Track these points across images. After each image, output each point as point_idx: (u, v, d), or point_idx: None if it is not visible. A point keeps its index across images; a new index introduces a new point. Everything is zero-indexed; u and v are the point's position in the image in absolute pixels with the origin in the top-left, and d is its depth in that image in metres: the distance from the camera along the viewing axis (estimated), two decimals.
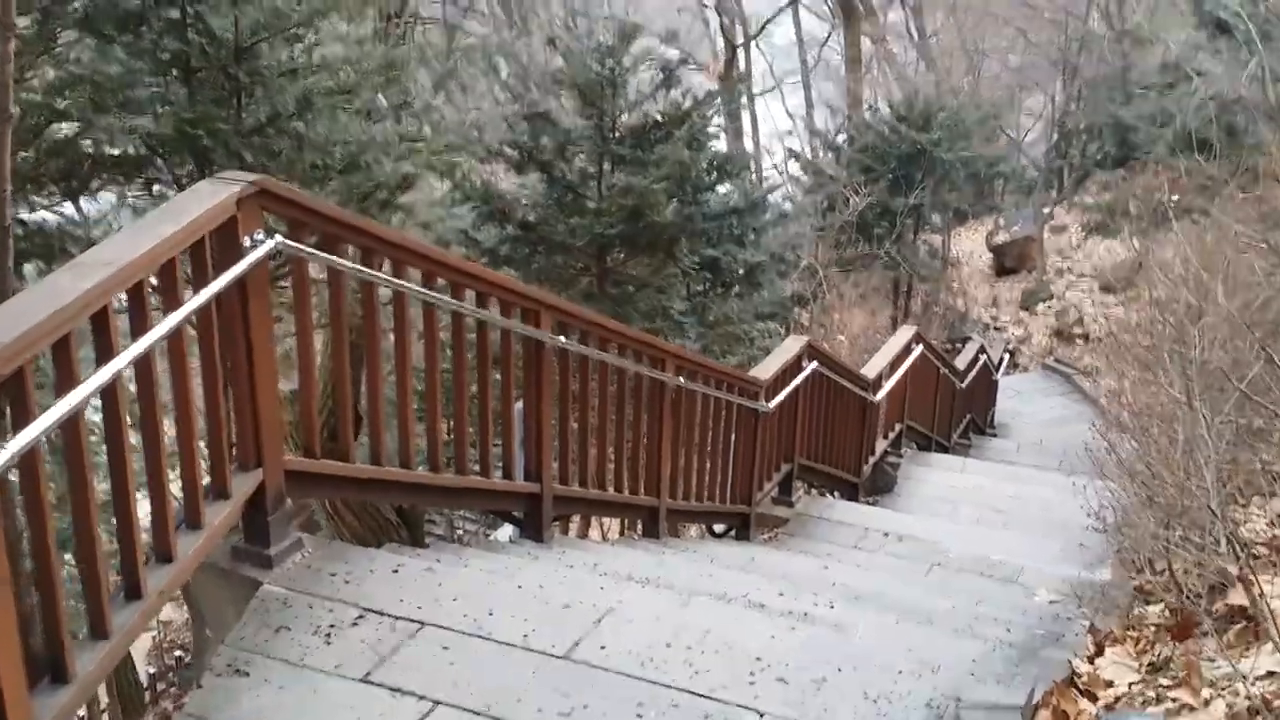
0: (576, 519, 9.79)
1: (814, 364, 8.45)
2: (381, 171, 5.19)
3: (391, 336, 4.44)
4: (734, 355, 10.41)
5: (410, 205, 5.96)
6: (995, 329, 22.14)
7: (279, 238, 3.58)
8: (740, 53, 22.52)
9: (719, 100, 10.31)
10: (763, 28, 21.49)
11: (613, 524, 10.94)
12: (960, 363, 13.65)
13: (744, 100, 24.08)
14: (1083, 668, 4.32)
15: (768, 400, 7.68)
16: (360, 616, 3.66)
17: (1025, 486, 10.80)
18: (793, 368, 8.19)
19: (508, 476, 5.23)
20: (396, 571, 3.93)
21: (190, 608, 7.12)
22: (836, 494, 9.89)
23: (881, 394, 10.07)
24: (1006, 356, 16.98)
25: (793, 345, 8.32)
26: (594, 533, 10.71)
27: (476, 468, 5.05)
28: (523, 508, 5.41)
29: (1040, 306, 22.35)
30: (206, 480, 3.68)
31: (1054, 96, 25.42)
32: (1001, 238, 24.75)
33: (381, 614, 3.67)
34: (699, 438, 6.96)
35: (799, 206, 12.66)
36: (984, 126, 17.64)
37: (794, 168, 17.32)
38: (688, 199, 10.12)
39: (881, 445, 10.56)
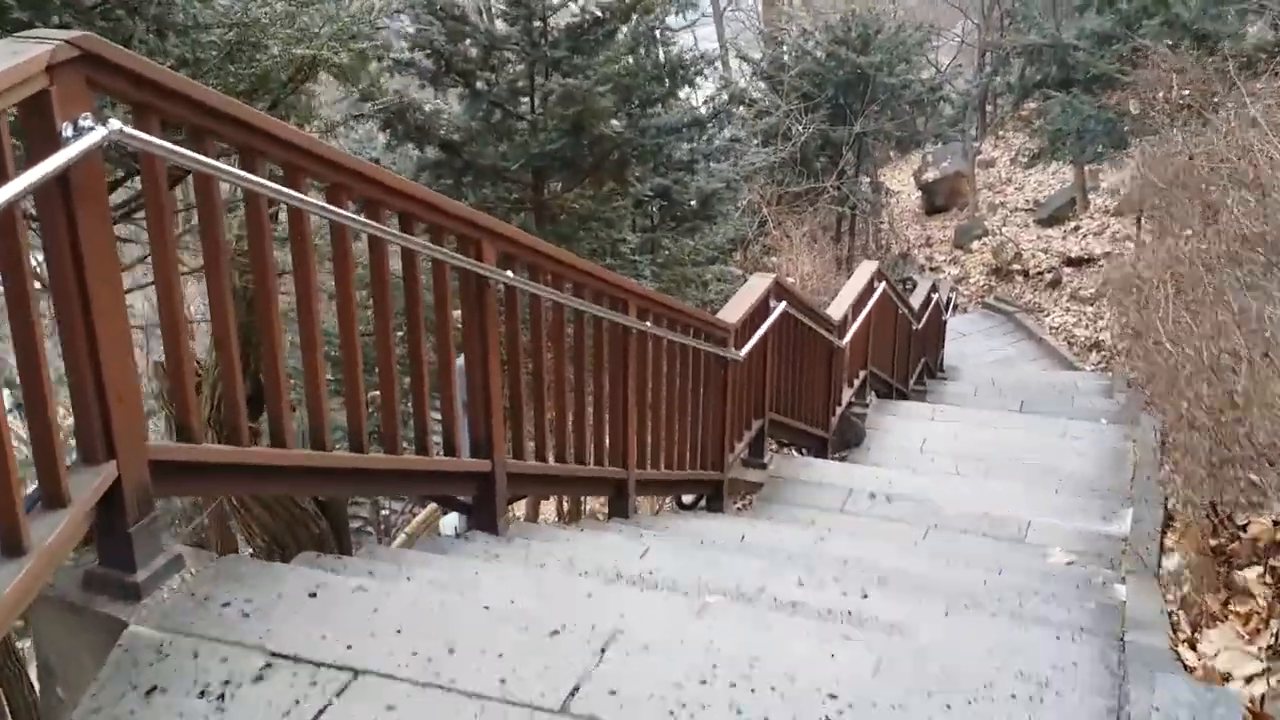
0: (524, 501, 8.66)
1: (783, 304, 7.46)
2: (268, 56, 4.01)
3: (291, 275, 3.31)
4: (686, 300, 9.35)
5: (309, 106, 4.78)
6: (931, 269, 21.43)
7: (116, 123, 2.44)
8: None
9: None
10: None
11: (557, 502, 9.83)
12: (914, 301, 12.78)
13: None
14: (1190, 657, 3.42)
15: (737, 347, 6.69)
16: (267, 666, 2.59)
17: (1000, 431, 10.01)
18: (761, 309, 7.20)
19: (450, 453, 4.14)
20: (315, 595, 2.84)
21: (37, 658, 5.72)
22: (805, 451, 8.96)
23: (848, 337, 9.13)
24: (953, 296, 16.20)
25: (759, 284, 7.31)
26: (543, 512, 9.57)
27: (411, 445, 3.97)
28: (471, 491, 4.34)
29: (975, 244, 21.69)
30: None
31: (977, 23, 24.71)
32: (931, 175, 24.02)
33: (297, 660, 2.60)
34: (667, 394, 5.94)
35: (748, 136, 11.57)
36: (924, 47, 16.72)
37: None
38: (638, 112, 8.95)
39: (848, 394, 9.64)
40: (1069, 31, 15.60)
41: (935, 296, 13.79)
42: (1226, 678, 3.27)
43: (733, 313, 6.77)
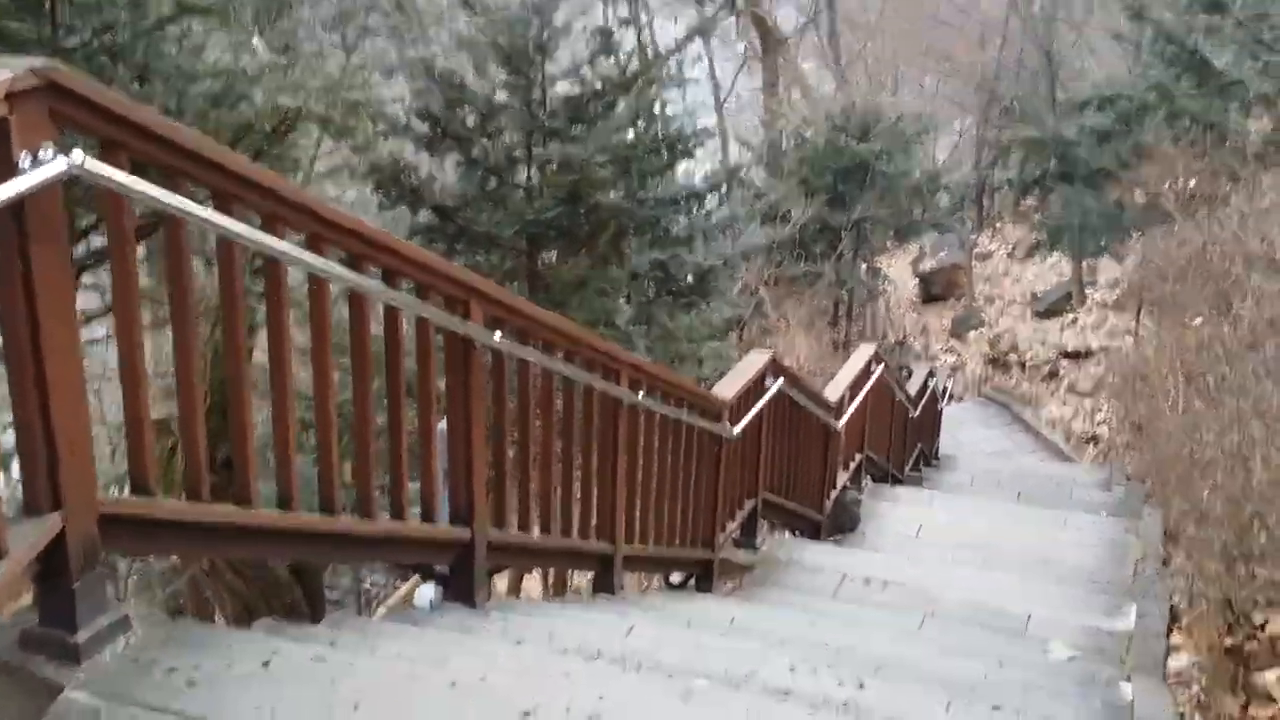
0: (506, 573, 8.36)
1: (779, 382, 7.29)
2: (251, 106, 3.89)
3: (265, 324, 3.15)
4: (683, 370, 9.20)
5: (292, 156, 4.64)
6: (928, 357, 21.36)
7: (79, 155, 2.31)
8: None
9: (670, 63, 8.94)
10: (675, 50, 20.53)
11: (542, 575, 9.54)
12: (911, 388, 12.63)
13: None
14: None
15: (732, 423, 6.51)
16: None
17: (998, 521, 9.77)
18: (756, 386, 7.02)
19: (428, 519, 3.94)
20: (269, 664, 2.63)
21: None
22: (798, 533, 8.73)
23: (844, 419, 8.96)
24: (949, 384, 16.07)
25: (756, 360, 7.15)
26: (525, 588, 9.28)
27: (386, 510, 3.77)
28: (448, 560, 4.12)
29: (972, 334, 21.65)
30: None
31: (975, 119, 25.01)
32: (928, 264, 24.13)
33: None
34: (658, 468, 5.74)
35: (747, 216, 11.54)
36: (924, 137, 16.83)
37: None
38: (635, 184, 8.74)
39: (843, 478, 9.44)
40: (1069, 128, 15.71)
41: (932, 384, 13.65)
42: None
43: (728, 388, 6.60)
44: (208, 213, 2.71)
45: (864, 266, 16.21)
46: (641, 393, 5.27)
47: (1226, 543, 4.21)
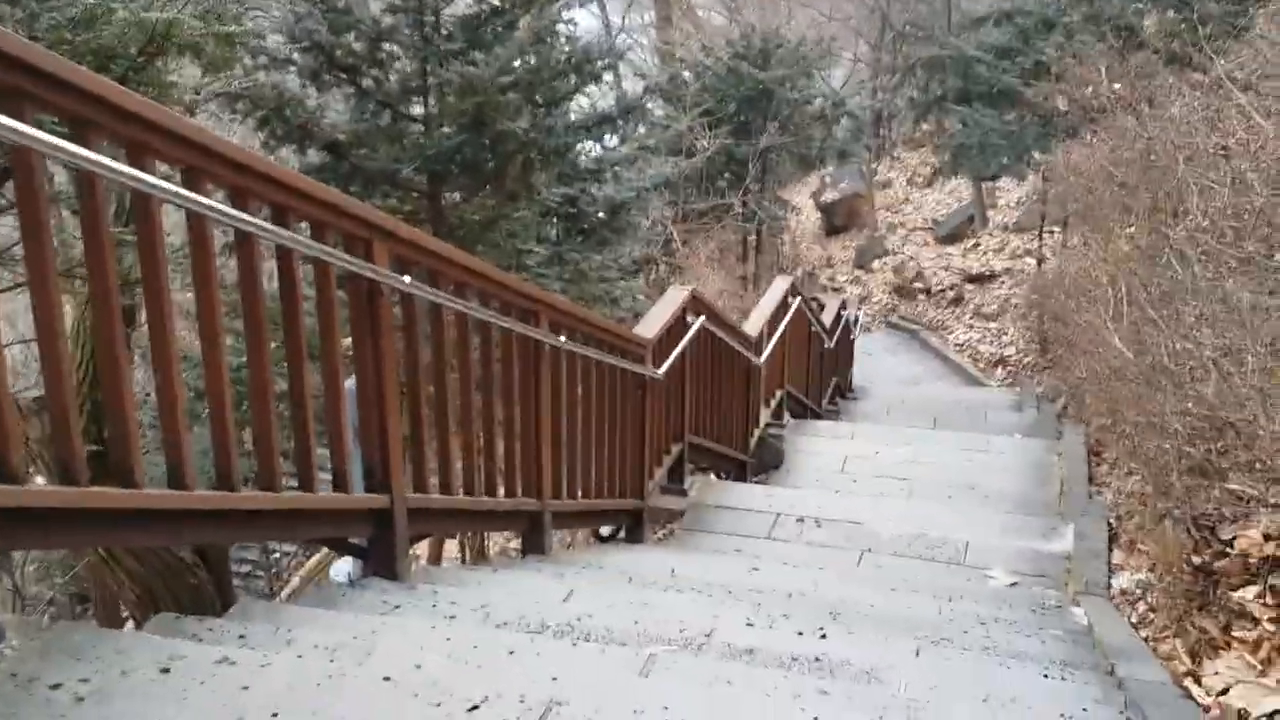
0: (425, 541, 7.90)
1: (700, 319, 7.01)
2: (113, 27, 3.37)
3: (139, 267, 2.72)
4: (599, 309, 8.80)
5: (166, 85, 4.11)
6: (834, 289, 21.31)
7: None
8: None
9: None
10: None
11: (462, 541, 9.14)
12: (825, 319, 12.47)
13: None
14: (1197, 692, 3.01)
15: (656, 364, 6.20)
16: None
17: (921, 448, 9.68)
18: (678, 324, 6.73)
19: (341, 488, 3.56)
20: (169, 670, 2.25)
21: None
22: (725, 475, 8.51)
23: (765, 355, 8.72)
24: (860, 314, 15.97)
25: (676, 296, 6.84)
26: (447, 552, 8.84)
27: (294, 481, 3.39)
28: (367, 531, 3.75)
29: (876, 264, 21.63)
30: None
31: (871, 44, 24.86)
32: (829, 195, 23.99)
33: None
34: (584, 416, 5.42)
35: (658, 141, 11.06)
36: (824, 62, 16.53)
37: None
38: (542, 111, 7.97)
39: (765, 415, 9.23)
40: (969, 44, 15.56)
41: (845, 315, 13.52)
42: (1243, 715, 2.86)
43: (649, 328, 6.29)
44: (58, 141, 2.27)
45: (772, 198, 15.94)
46: (563, 336, 4.92)
47: (1178, 456, 4.03)
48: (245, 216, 2.86)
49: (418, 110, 7.43)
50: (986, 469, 9.11)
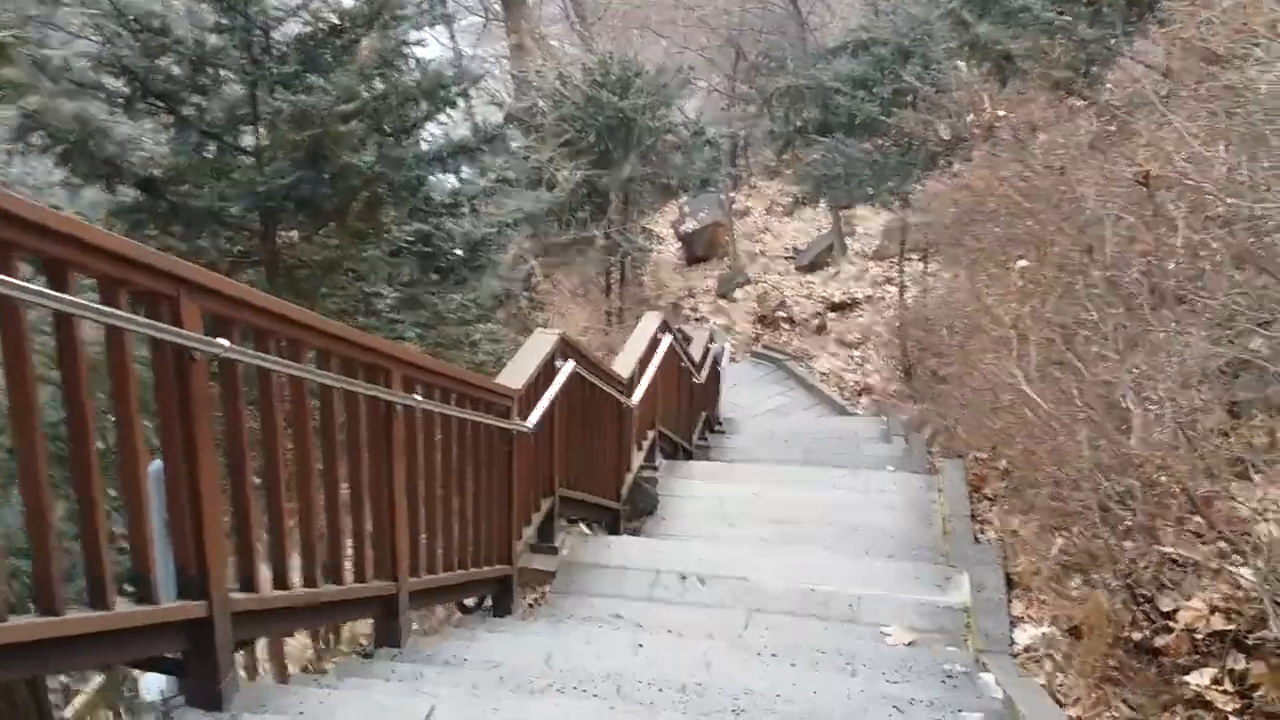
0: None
1: (570, 363, 6.47)
2: None
3: None
4: (454, 363, 8.08)
5: None
6: (697, 319, 21.04)
7: None
8: None
9: (424, 3, 7.41)
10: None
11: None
12: (694, 353, 12.06)
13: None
14: None
15: (523, 416, 5.64)
16: None
17: (797, 489, 9.34)
18: (546, 370, 6.18)
19: (146, 599, 2.90)
20: None
21: None
22: (597, 525, 7.97)
23: (637, 395, 8.23)
24: (727, 345, 15.65)
25: (544, 341, 6.29)
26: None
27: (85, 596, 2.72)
28: (181, 644, 3.09)
29: (739, 293, 21.44)
30: None
31: (727, 74, 24.82)
32: (689, 225, 23.79)
33: None
34: (443, 481, 4.81)
35: (516, 179, 10.34)
36: (684, 91, 16.19)
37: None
38: (390, 141, 7.09)
39: (638, 459, 8.72)
40: (826, 74, 15.46)
41: (712, 348, 13.15)
42: None
43: (516, 376, 5.72)
44: None
45: (636, 229, 15.50)
46: (418, 394, 4.32)
47: (1110, 512, 3.67)
48: None
49: (249, 141, 6.51)
50: (867, 507, 8.79)
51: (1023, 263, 5.28)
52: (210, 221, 6.49)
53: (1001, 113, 6.46)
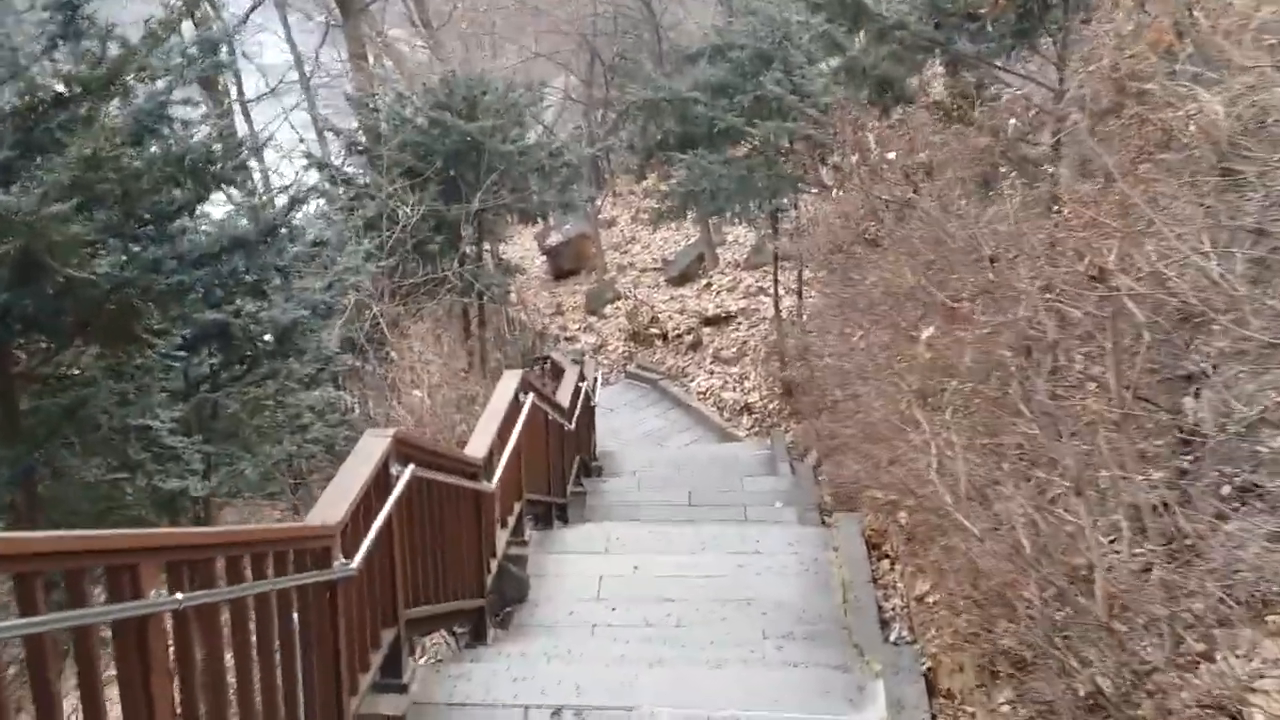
0: None
1: (409, 468, 5.45)
2: None
3: None
4: (283, 452, 6.88)
5: None
6: (566, 338, 20.08)
7: None
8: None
9: (192, 52, 5.88)
10: (246, 16, 17.36)
11: None
12: (563, 397, 11.08)
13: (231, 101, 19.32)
14: None
15: (347, 555, 4.61)
16: None
17: (684, 556, 8.46)
18: (379, 484, 5.15)
19: None
20: None
21: None
22: (458, 631, 6.98)
23: (497, 476, 7.24)
24: (598, 374, 14.71)
25: (372, 448, 5.24)
26: None
27: None
28: None
29: (609, 309, 20.56)
30: None
31: (583, 79, 23.93)
32: (554, 239, 22.86)
33: None
34: (240, 680, 3.76)
35: (340, 232, 9.01)
36: (536, 108, 15.10)
37: (314, 180, 13.45)
38: (145, 234, 5.64)
39: (503, 540, 7.72)
40: (683, 83, 14.61)
41: (584, 386, 12.17)
42: None
43: (335, 506, 4.67)
44: None
45: (493, 262, 14.32)
46: (184, 587, 3.27)
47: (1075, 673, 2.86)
48: None
49: None
50: (760, 573, 7.98)
51: (929, 331, 4.51)
52: None
53: (891, 156, 5.71)
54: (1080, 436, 3.32)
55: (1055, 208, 4.54)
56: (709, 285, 19.64)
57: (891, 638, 6.86)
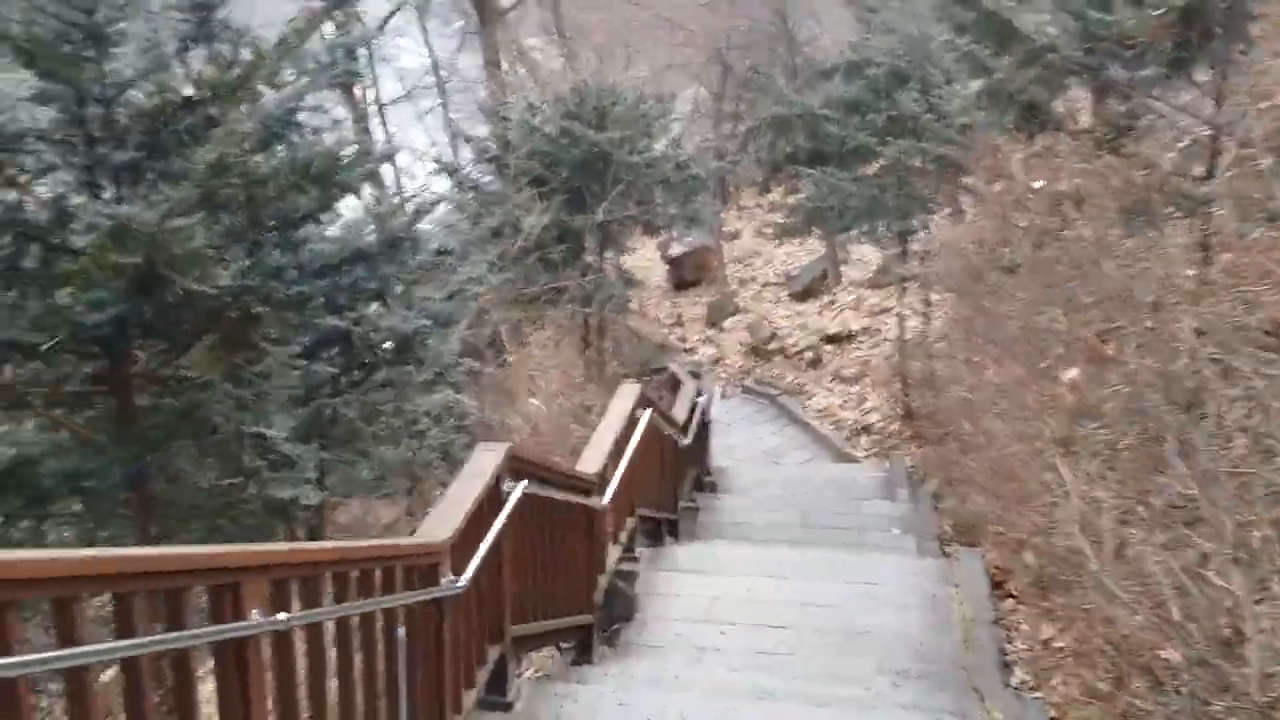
0: None
1: (522, 484, 5.38)
2: None
3: None
4: (401, 457, 6.87)
5: None
6: (686, 349, 19.95)
7: None
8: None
9: (325, 58, 5.77)
10: (385, 21, 17.66)
11: None
12: (679, 411, 10.95)
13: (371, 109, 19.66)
14: None
15: (456, 573, 4.55)
16: None
17: (798, 582, 8.25)
18: (490, 501, 5.09)
19: None
20: None
21: None
22: (564, 647, 6.90)
23: (609, 492, 7.14)
24: (716, 390, 14.56)
25: (485, 463, 5.19)
26: None
27: None
28: None
29: (729, 322, 20.37)
30: None
31: (715, 92, 23.80)
32: (676, 249, 22.76)
33: None
34: (342, 696, 3.71)
35: (465, 241, 9.04)
36: (666, 120, 15.02)
37: (443, 186, 13.58)
38: (268, 241, 5.60)
39: (614, 557, 7.62)
40: (814, 99, 14.37)
41: (701, 401, 12.01)
42: None
43: (444, 524, 4.62)
44: None
45: (614, 274, 14.31)
46: (289, 607, 3.22)
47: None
48: None
49: (83, 242, 4.79)
50: (876, 605, 7.72)
51: (1073, 373, 4.24)
52: (26, 355, 4.88)
53: (1037, 184, 5.43)
54: (1242, 501, 3.06)
55: (1209, 250, 4.23)
56: (832, 302, 19.30)
57: (1013, 683, 6.54)
